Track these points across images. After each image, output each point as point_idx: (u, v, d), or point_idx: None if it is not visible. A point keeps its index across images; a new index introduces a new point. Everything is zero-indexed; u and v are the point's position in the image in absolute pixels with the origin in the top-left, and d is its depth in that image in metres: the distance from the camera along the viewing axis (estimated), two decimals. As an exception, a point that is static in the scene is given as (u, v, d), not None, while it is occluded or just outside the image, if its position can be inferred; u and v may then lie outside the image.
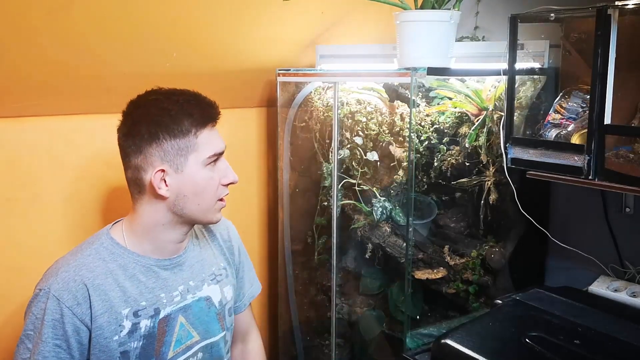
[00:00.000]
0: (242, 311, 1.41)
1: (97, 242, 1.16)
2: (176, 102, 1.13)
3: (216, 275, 1.29)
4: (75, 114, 1.40)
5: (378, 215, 1.63)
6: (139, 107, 1.15)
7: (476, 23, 1.72)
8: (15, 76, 1.22)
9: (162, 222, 1.17)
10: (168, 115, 1.12)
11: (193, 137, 1.13)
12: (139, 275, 1.16)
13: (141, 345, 1.13)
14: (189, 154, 1.13)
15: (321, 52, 1.72)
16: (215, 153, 1.16)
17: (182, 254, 1.23)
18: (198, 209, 1.16)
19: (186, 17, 1.39)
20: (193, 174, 1.14)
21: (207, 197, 1.17)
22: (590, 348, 1.09)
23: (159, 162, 1.12)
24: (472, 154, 1.49)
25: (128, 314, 1.12)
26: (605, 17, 1.08)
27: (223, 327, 1.29)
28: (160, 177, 1.12)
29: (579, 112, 1.25)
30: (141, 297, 1.15)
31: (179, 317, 1.20)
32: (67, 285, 1.08)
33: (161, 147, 1.11)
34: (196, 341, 1.23)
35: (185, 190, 1.14)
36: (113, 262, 1.14)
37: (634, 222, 1.43)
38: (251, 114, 1.84)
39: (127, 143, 1.14)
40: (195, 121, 1.13)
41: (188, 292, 1.22)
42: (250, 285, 1.43)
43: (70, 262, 1.12)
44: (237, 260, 1.38)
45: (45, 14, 1.15)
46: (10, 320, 1.33)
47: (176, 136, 1.12)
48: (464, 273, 1.52)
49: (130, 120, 1.14)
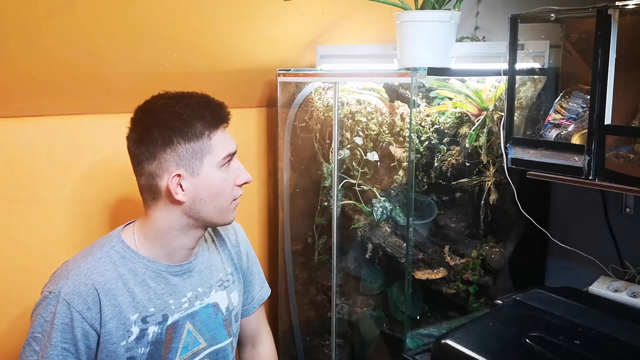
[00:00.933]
0: (251, 314, 1.40)
1: (109, 245, 1.15)
2: (187, 105, 1.12)
3: (224, 281, 1.28)
4: (75, 114, 1.40)
5: (378, 216, 1.63)
6: (148, 113, 1.14)
7: (476, 23, 1.72)
8: (16, 76, 1.22)
9: (177, 227, 1.15)
10: (180, 119, 1.10)
11: (207, 139, 1.12)
12: (149, 280, 1.15)
13: (148, 352, 1.13)
14: (204, 156, 1.12)
15: (321, 52, 1.72)
16: (229, 153, 1.16)
17: (192, 260, 1.22)
18: (214, 211, 1.16)
19: (186, 17, 1.39)
20: (209, 177, 1.13)
21: (223, 199, 1.16)
22: (590, 348, 1.09)
23: (175, 167, 1.10)
24: (472, 154, 1.49)
25: (136, 319, 1.11)
26: (605, 17, 1.08)
27: (230, 334, 1.28)
28: (176, 182, 1.11)
29: (579, 112, 1.25)
30: (150, 303, 1.14)
31: (187, 323, 1.19)
32: (77, 289, 1.07)
33: (176, 151, 1.10)
34: (203, 348, 1.22)
35: (202, 194, 1.13)
36: (123, 267, 1.13)
37: (634, 222, 1.43)
38: (251, 114, 1.84)
39: (139, 150, 1.12)
40: (208, 123, 1.12)
41: (196, 299, 1.21)
42: (260, 288, 1.42)
43: (81, 265, 1.11)
44: (244, 265, 1.37)
45: (46, 14, 1.15)
46: (10, 320, 1.33)
47: (190, 140, 1.11)
48: (464, 273, 1.52)
49: (141, 127, 1.13)
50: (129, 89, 1.18)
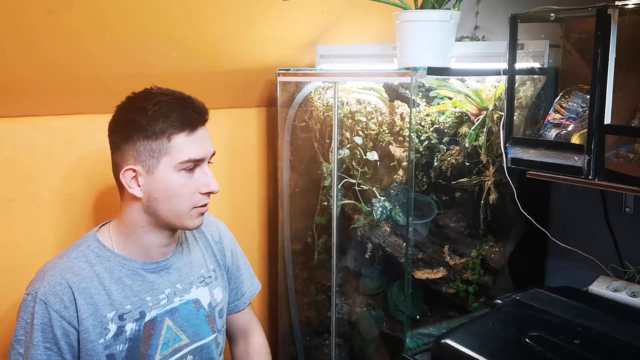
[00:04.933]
0: (242, 309, 1.41)
1: (84, 245, 1.16)
2: (156, 102, 1.11)
3: (205, 277, 1.29)
4: (75, 114, 1.40)
5: (378, 215, 1.63)
6: (123, 104, 1.15)
7: (476, 23, 1.72)
8: (15, 76, 1.22)
9: (141, 223, 1.16)
10: (144, 116, 1.10)
11: (166, 139, 1.10)
12: (125, 278, 1.15)
13: (127, 348, 1.13)
14: (161, 156, 1.10)
15: (321, 52, 1.72)
16: (190, 159, 1.12)
17: (169, 257, 1.22)
18: (170, 214, 1.14)
19: (186, 17, 1.38)
20: (164, 178, 1.11)
21: (179, 203, 1.13)
22: (590, 348, 1.09)
23: (132, 161, 1.11)
24: (472, 154, 1.49)
25: (113, 317, 1.12)
26: (605, 17, 1.08)
27: (213, 330, 1.28)
28: (130, 177, 1.12)
29: (579, 112, 1.25)
30: (126, 300, 1.14)
31: (166, 320, 1.19)
32: (53, 288, 1.08)
33: (134, 146, 1.10)
34: (185, 344, 1.22)
35: (155, 193, 1.12)
36: (99, 265, 1.14)
37: (634, 222, 1.43)
38: (251, 114, 1.84)
39: (110, 139, 1.16)
40: (170, 124, 1.10)
41: (175, 295, 1.22)
42: (250, 284, 1.43)
43: (57, 265, 1.12)
44: (229, 262, 1.37)
45: (45, 14, 1.15)
46: (10, 320, 1.33)
47: (149, 137, 1.10)
48: (464, 273, 1.52)
49: (114, 117, 1.16)
50: (128, 89, 1.18)
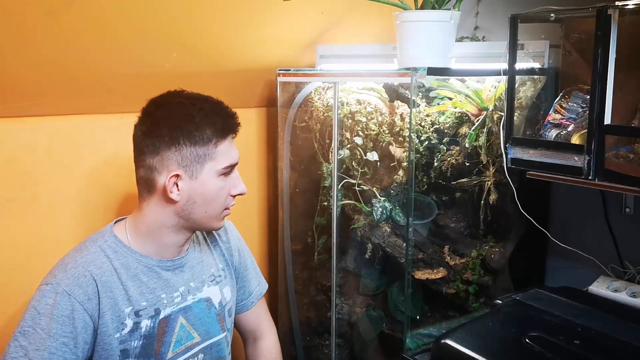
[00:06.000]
0: (250, 309, 1.42)
1: (101, 240, 1.17)
2: (200, 109, 1.14)
3: (215, 276, 1.30)
4: (75, 114, 1.40)
5: (378, 215, 1.63)
6: (161, 108, 1.15)
7: (476, 23, 1.72)
8: (15, 76, 1.22)
9: (168, 224, 1.17)
10: (192, 122, 1.12)
11: (213, 146, 1.14)
12: (141, 275, 1.16)
13: (141, 345, 1.14)
14: (206, 162, 1.14)
15: (321, 52, 1.72)
16: (231, 164, 1.18)
17: (184, 256, 1.24)
18: (204, 216, 1.18)
19: (186, 17, 1.38)
20: (206, 182, 1.15)
21: (215, 206, 1.18)
22: (590, 348, 1.09)
23: (175, 166, 1.12)
24: (472, 154, 1.49)
25: (130, 312, 1.13)
26: (605, 17, 1.08)
27: (223, 328, 1.29)
28: (174, 182, 1.13)
29: (579, 112, 1.25)
30: (142, 297, 1.15)
31: (180, 318, 1.20)
32: (77, 280, 1.09)
33: (180, 152, 1.12)
34: (197, 342, 1.23)
35: (195, 197, 1.15)
36: (116, 261, 1.15)
37: (634, 222, 1.43)
38: (251, 114, 1.84)
39: (145, 142, 1.14)
40: (217, 131, 1.14)
41: (189, 293, 1.23)
42: (257, 283, 1.44)
43: (77, 258, 1.13)
44: (236, 261, 1.38)
45: (44, 14, 1.15)
46: (11, 320, 1.33)
47: (197, 144, 1.12)
48: (464, 273, 1.52)
49: (151, 120, 1.14)
50: (128, 89, 1.18)
